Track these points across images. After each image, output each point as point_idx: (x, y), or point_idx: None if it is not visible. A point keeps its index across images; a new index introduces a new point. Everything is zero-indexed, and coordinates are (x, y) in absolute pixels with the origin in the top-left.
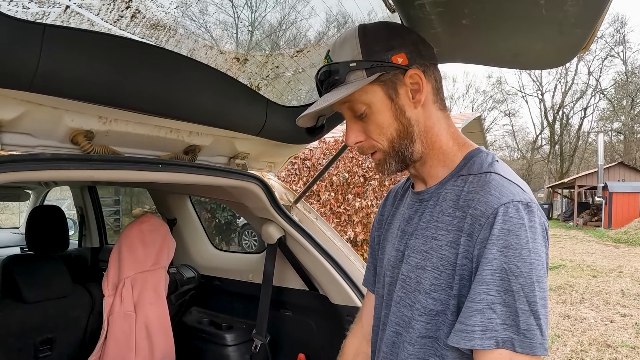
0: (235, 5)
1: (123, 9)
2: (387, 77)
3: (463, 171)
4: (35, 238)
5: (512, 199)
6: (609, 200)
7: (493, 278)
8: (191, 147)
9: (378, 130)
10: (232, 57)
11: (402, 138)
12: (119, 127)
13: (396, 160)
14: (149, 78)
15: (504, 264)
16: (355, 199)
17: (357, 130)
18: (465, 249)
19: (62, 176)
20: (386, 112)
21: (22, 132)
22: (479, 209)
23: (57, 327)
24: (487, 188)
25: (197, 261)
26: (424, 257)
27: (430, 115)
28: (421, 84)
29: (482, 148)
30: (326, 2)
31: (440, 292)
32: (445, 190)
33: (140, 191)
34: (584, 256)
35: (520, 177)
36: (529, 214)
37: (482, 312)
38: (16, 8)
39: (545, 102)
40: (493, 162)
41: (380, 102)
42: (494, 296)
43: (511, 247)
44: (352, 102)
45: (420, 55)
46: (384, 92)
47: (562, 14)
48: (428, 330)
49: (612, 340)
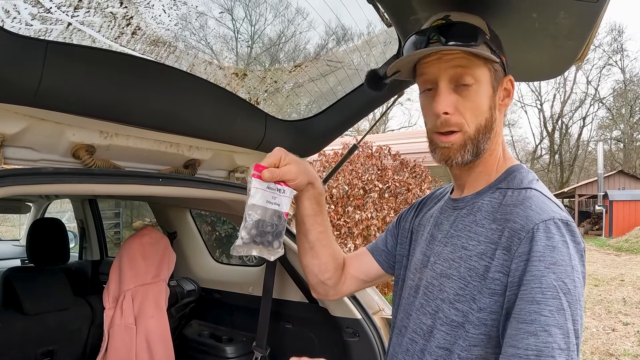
0: (234, 19)
1: (124, 26)
2: (498, 68)
3: (502, 184)
4: (36, 250)
5: (554, 216)
6: (610, 208)
7: (544, 297)
8: (191, 161)
9: (474, 111)
10: (231, 72)
11: (486, 131)
12: (119, 142)
13: (473, 149)
14: (149, 93)
15: (554, 280)
16: (355, 211)
17: (451, 101)
18: (500, 262)
19: (63, 190)
20: (487, 98)
21: (25, 146)
22: (518, 223)
23: (57, 339)
24: (527, 203)
25: (198, 274)
26: (450, 265)
27: (501, 123)
28: (512, 92)
29: (523, 165)
30: (325, 15)
31: (463, 303)
32: (482, 201)
33: (140, 204)
34: None
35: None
36: (570, 232)
37: (536, 334)
38: (19, 25)
39: (544, 112)
40: (533, 179)
41: (486, 85)
42: (547, 317)
43: (557, 263)
44: (465, 69)
45: (507, 67)
46: (491, 79)
47: (554, 27)
48: (447, 341)
49: (615, 349)
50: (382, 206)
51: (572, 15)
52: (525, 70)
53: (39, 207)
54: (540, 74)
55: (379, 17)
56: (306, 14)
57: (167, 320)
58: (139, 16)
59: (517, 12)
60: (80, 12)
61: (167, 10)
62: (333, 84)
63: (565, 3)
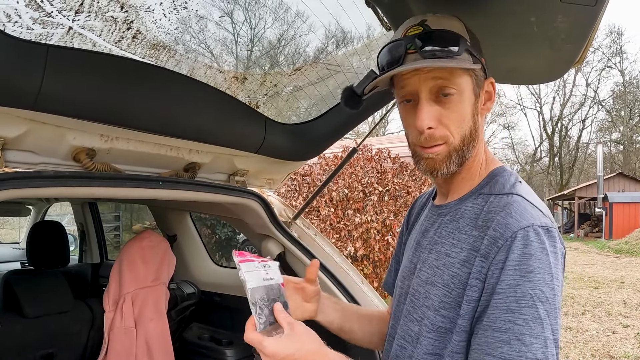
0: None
1: (124, 30)
2: (479, 73)
3: (485, 189)
4: (36, 253)
5: (533, 223)
6: (609, 211)
7: (519, 306)
8: (191, 165)
9: (458, 121)
10: (231, 76)
11: (471, 139)
12: (120, 145)
13: (458, 160)
14: (149, 97)
15: (529, 289)
16: (354, 214)
17: (433, 114)
18: (478, 269)
19: (64, 193)
20: (469, 106)
21: (26, 150)
22: (498, 231)
23: (57, 342)
24: (507, 210)
25: (197, 277)
26: (434, 272)
27: (482, 128)
28: (493, 95)
29: (506, 167)
30: (324, 19)
31: (449, 309)
32: (465, 207)
33: (140, 207)
34: (585, 267)
35: (540, 201)
36: (550, 238)
37: (509, 343)
38: (20, 29)
39: (544, 115)
40: (516, 183)
41: (469, 92)
42: (521, 326)
43: (534, 271)
44: (446, 80)
45: (487, 69)
46: (472, 86)
47: (552, 30)
48: (435, 347)
49: (615, 352)
50: (382, 209)
51: (570, 18)
52: (524, 73)
53: (39, 210)
54: (539, 77)
55: (378, 20)
56: (306, 17)
57: (167, 323)
58: (139, 20)
59: (516, 16)
60: (81, 16)
61: (167, 15)
62: (332, 88)
63: (564, 7)
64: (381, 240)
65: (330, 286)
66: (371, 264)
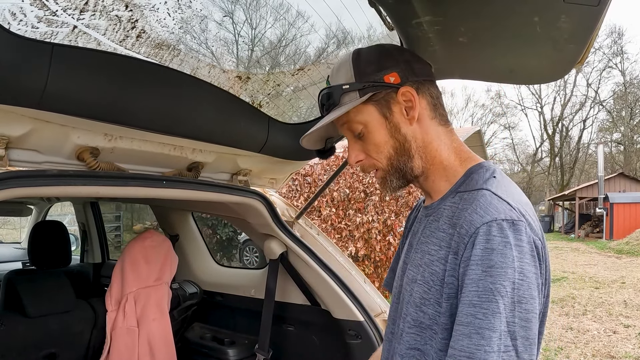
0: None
1: (129, 29)
2: (380, 96)
3: (461, 187)
4: (38, 253)
5: (496, 218)
6: (610, 211)
7: (480, 300)
8: (194, 164)
9: (376, 148)
10: (235, 76)
11: (400, 155)
12: (124, 144)
13: (396, 177)
14: (153, 96)
15: (490, 284)
16: (356, 214)
17: (357, 149)
18: (452, 266)
19: (67, 192)
20: (382, 131)
21: (30, 149)
22: (464, 227)
23: (60, 342)
24: (474, 206)
25: (200, 277)
26: (417, 270)
27: (428, 131)
28: (414, 101)
29: (484, 163)
30: (326, 19)
31: (429, 306)
32: (444, 206)
33: (141, 207)
34: (586, 268)
35: (519, 192)
36: (515, 232)
37: (469, 336)
38: (25, 27)
39: (545, 115)
40: (490, 178)
41: (375, 121)
42: (481, 320)
43: (495, 266)
44: (349, 123)
45: (413, 73)
46: (378, 111)
47: (555, 31)
48: (417, 342)
49: (616, 352)
50: (383, 209)
51: (573, 18)
52: (526, 73)
53: (41, 209)
54: (540, 77)
55: (381, 20)
56: (307, 16)
57: (169, 323)
58: (143, 19)
59: (519, 16)
60: (85, 15)
61: (171, 14)
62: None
63: (567, 7)
64: (382, 240)
65: (333, 285)
66: (372, 264)
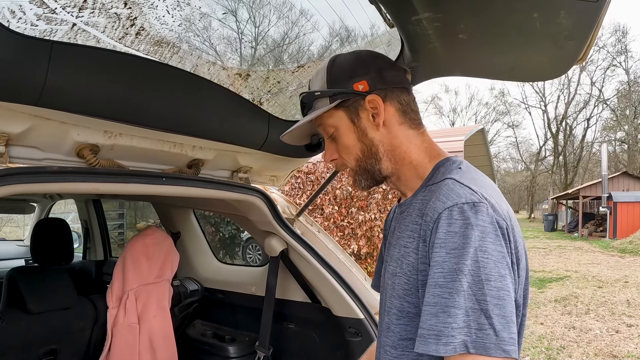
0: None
1: (128, 26)
2: (349, 103)
3: (430, 181)
4: (40, 250)
5: (457, 202)
6: (614, 210)
7: (445, 281)
8: (194, 161)
9: (345, 150)
10: (235, 73)
11: (367, 157)
12: (123, 142)
13: (365, 177)
14: (153, 93)
15: (454, 264)
16: (358, 212)
17: (331, 149)
18: (422, 254)
19: (68, 189)
20: (350, 134)
21: (30, 146)
22: (429, 215)
23: (61, 339)
24: (437, 194)
25: (201, 274)
26: (397, 264)
27: (397, 135)
28: (379, 108)
29: (452, 157)
30: (328, 17)
31: (411, 295)
32: (415, 200)
33: (144, 205)
34: (589, 267)
35: (486, 179)
36: (476, 213)
37: (436, 315)
38: (25, 25)
39: (549, 113)
40: (454, 169)
41: (344, 125)
42: (446, 299)
43: (458, 247)
44: (323, 125)
45: (382, 81)
46: (347, 117)
47: (555, 27)
48: (408, 332)
49: (618, 351)
50: (386, 207)
51: (573, 14)
52: (527, 70)
53: (43, 207)
54: (541, 74)
55: (382, 17)
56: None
57: (170, 320)
58: (143, 17)
59: (519, 13)
60: (84, 12)
61: (170, 11)
62: None
63: (566, 3)
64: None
65: (333, 283)
66: (375, 262)
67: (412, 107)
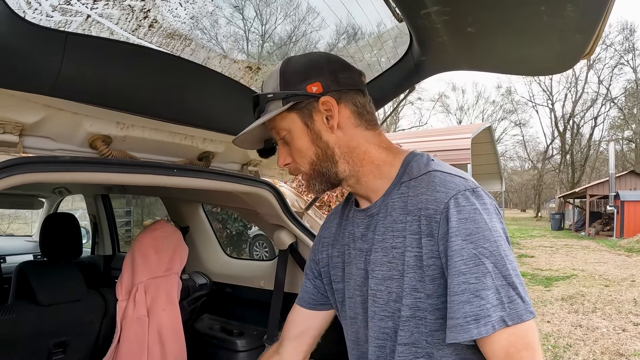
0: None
1: (141, 18)
2: (302, 105)
3: (404, 178)
4: (49, 245)
5: (459, 190)
6: (621, 209)
7: (468, 267)
8: (205, 154)
9: (299, 154)
10: (245, 66)
11: (322, 160)
12: (135, 133)
13: (319, 180)
14: (165, 85)
15: (473, 249)
16: None
17: (285, 153)
18: (429, 249)
19: (80, 178)
20: (304, 137)
21: (43, 136)
22: (430, 208)
23: (70, 331)
24: (431, 187)
25: (209, 268)
26: (388, 267)
27: (353, 137)
28: (333, 110)
29: (415, 151)
30: (336, 14)
31: (408, 296)
32: (392, 199)
33: (151, 203)
34: (595, 266)
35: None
36: (478, 198)
37: (469, 302)
38: (40, 16)
39: (556, 112)
40: (429, 162)
41: (297, 128)
42: (475, 284)
43: (473, 233)
44: (276, 128)
45: (337, 83)
46: (300, 119)
47: (562, 20)
48: (414, 334)
49: (625, 349)
50: None
51: (579, 7)
52: (534, 64)
53: (52, 202)
54: (548, 68)
55: (390, 12)
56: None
57: (179, 313)
58: (155, 9)
59: (526, 6)
60: (99, 4)
61: (183, 4)
62: None
63: None
64: None
65: None
66: None
67: (367, 109)
